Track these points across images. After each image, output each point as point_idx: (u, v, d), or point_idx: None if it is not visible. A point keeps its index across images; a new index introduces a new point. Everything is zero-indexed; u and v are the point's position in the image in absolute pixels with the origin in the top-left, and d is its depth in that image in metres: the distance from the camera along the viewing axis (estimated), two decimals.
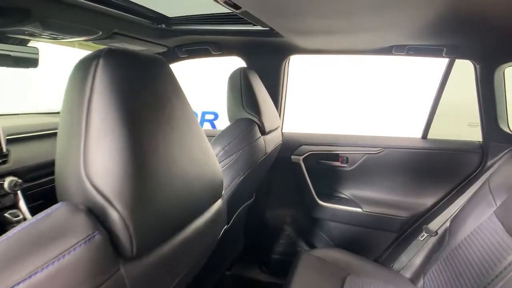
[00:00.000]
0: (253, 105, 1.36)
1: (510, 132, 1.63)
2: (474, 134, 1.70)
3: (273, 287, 1.91)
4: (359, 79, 2.99)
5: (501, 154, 1.62)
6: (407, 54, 1.53)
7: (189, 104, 0.64)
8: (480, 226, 1.45)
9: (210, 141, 1.21)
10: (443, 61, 1.71)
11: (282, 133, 1.94)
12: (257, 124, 1.35)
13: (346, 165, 1.90)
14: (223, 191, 1.17)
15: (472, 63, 1.56)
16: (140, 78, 0.52)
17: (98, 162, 0.43)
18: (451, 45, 1.43)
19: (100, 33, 1.30)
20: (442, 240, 1.64)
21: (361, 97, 3.01)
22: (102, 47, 0.50)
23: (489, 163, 1.65)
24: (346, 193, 1.92)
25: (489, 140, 1.66)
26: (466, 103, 1.68)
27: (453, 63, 1.63)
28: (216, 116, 3.61)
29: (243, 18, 1.24)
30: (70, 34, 1.23)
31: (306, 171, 1.91)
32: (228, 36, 1.63)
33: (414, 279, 1.67)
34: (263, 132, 1.38)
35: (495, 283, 1.15)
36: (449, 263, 1.46)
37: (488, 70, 1.52)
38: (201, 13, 1.56)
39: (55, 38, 1.27)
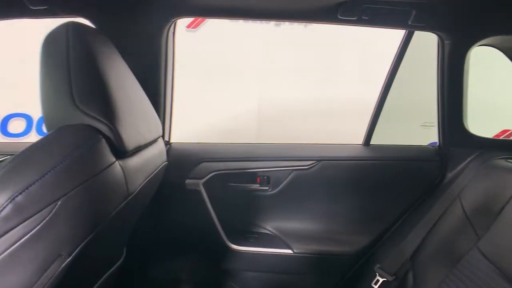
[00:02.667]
0: (97, 96, 0.64)
1: (475, 134, 1.26)
2: (429, 137, 1.29)
3: None
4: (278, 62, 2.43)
5: (465, 162, 1.24)
6: (359, 21, 1.00)
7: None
8: (459, 267, 1.03)
9: None
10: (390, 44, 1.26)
11: (169, 145, 1.25)
12: (104, 136, 0.63)
13: (267, 188, 1.32)
14: None
15: (440, 37, 1.12)
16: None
17: None
18: (423, 5, 0.95)
19: None
20: (404, 287, 1.19)
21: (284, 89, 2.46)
22: None
23: (450, 174, 1.27)
24: (270, 227, 1.35)
25: (450, 145, 1.27)
26: (418, 98, 1.26)
27: (410, 40, 1.18)
28: (30, 122, 2.63)
29: None
30: None
31: (210, 200, 1.27)
32: None
33: None
34: (120, 153, 0.67)
35: None
36: None
37: (459, 49, 1.11)
38: None
39: None
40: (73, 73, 0.63)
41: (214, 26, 2.38)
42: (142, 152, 0.77)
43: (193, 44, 2.35)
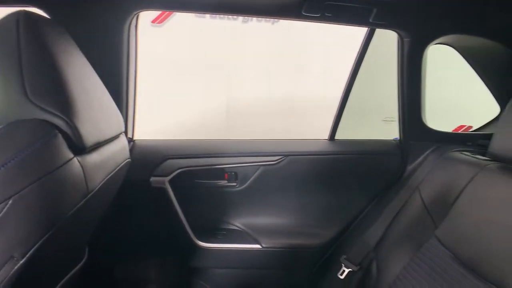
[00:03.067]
0: (52, 90, 0.62)
1: (432, 128, 1.32)
2: (390, 131, 1.35)
3: None
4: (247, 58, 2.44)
5: (423, 155, 1.29)
6: (323, 18, 1.02)
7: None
8: (419, 256, 1.07)
9: None
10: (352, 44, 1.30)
11: (133, 142, 1.22)
12: (61, 131, 0.60)
13: (235, 184, 1.33)
14: None
15: (400, 36, 1.16)
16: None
17: None
18: (383, 4, 0.98)
19: None
20: (369, 275, 1.23)
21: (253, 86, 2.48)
22: None
23: (410, 166, 1.32)
24: (238, 223, 1.35)
25: (410, 138, 1.32)
26: (379, 94, 1.31)
27: (371, 39, 1.22)
28: None
29: None
30: None
31: (176, 198, 1.25)
32: None
33: None
34: (79, 149, 0.64)
35: None
36: None
37: (418, 46, 1.15)
38: None
39: None
40: (25, 66, 0.59)
41: (181, 21, 2.34)
42: (102, 149, 0.75)
43: (159, 39, 2.31)
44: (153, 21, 2.32)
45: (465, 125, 2.05)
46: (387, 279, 1.10)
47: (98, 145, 0.71)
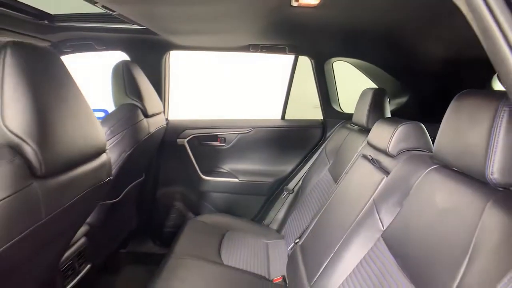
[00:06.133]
0: (135, 92, 1.60)
1: (340, 110, 2.20)
2: (317, 113, 2.23)
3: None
4: (231, 74, 3.48)
5: (335, 127, 2.16)
6: (261, 51, 1.95)
7: (77, 87, 0.88)
8: (319, 181, 1.92)
9: None
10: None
11: (168, 120, 2.21)
12: (140, 108, 1.59)
13: (224, 144, 2.25)
14: (112, 166, 1.37)
15: (309, 58, 2.07)
16: (42, 67, 0.75)
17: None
18: (291, 45, 1.90)
19: None
20: (296, 196, 2.13)
21: (235, 88, 3.53)
22: None
23: (327, 134, 2.19)
24: (225, 167, 2.28)
25: (327, 118, 2.20)
26: (311, 91, 2.20)
27: (297, 60, 2.12)
28: (106, 113, 3.65)
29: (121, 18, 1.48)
30: None
31: (191, 151, 2.20)
32: (110, 33, 1.83)
33: (279, 229, 2.12)
34: (146, 115, 1.63)
35: (324, 212, 1.56)
36: (299, 211, 1.90)
37: (320, 64, 2.05)
38: (83, 12, 1.74)
39: None
40: (126, 82, 1.59)
41: None
42: (154, 117, 1.73)
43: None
44: None
45: None
46: (303, 196, 1.97)
47: (153, 115, 1.70)
